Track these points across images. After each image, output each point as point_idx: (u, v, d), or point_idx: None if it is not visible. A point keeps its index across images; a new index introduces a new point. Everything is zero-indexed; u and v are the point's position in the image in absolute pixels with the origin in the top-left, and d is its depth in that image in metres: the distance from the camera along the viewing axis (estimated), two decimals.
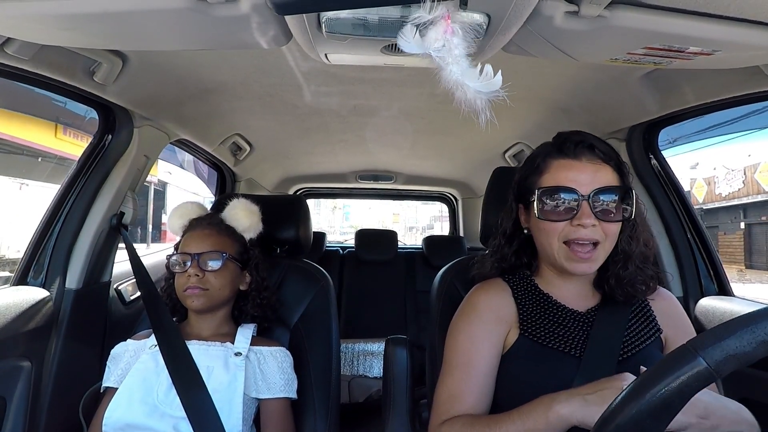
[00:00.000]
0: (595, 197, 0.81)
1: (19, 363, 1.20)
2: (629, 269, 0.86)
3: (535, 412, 0.70)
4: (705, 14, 0.76)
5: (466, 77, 0.67)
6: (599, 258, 0.84)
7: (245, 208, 1.18)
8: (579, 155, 0.84)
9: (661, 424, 0.46)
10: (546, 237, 0.86)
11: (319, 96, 1.60)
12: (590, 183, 0.81)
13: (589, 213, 0.80)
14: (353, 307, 2.88)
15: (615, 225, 0.83)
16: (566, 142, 0.86)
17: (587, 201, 0.80)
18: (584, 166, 0.83)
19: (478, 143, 2.25)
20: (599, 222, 0.81)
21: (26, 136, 7.54)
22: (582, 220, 0.80)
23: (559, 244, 0.84)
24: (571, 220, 0.82)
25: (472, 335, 0.87)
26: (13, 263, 6.02)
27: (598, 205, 0.81)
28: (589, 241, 0.82)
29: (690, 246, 1.51)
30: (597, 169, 0.83)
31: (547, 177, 0.86)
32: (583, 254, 0.82)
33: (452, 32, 0.65)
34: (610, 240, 0.83)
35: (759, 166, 14.22)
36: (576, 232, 0.81)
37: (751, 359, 0.46)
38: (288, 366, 1.08)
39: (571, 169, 0.83)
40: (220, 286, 1.06)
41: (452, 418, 0.81)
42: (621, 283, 0.87)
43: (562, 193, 0.82)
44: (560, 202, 0.82)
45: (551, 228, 0.84)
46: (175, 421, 0.94)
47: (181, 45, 0.96)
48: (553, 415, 0.68)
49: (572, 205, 0.81)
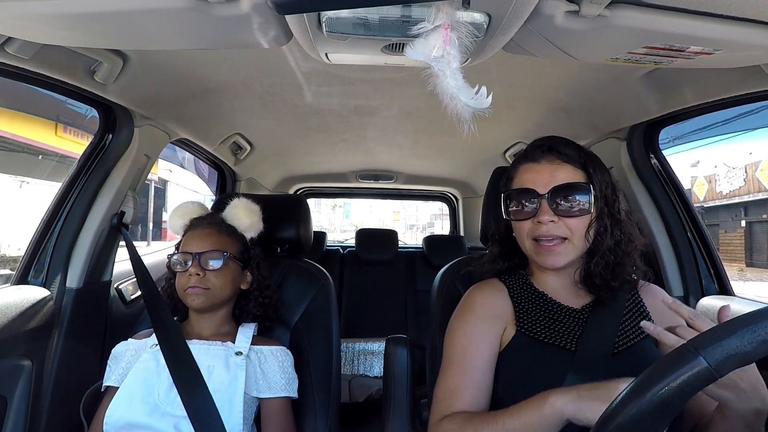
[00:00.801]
0: (553, 195, 0.87)
1: (20, 362, 1.20)
2: (598, 264, 0.89)
3: (531, 406, 0.72)
4: (706, 13, 0.76)
5: (462, 93, 0.70)
6: (567, 252, 0.88)
7: (246, 207, 1.18)
8: (539, 158, 0.91)
9: (661, 423, 0.46)
10: (518, 236, 0.93)
11: (319, 96, 1.60)
12: (548, 183, 0.88)
13: (546, 210, 0.86)
14: (354, 307, 2.88)
15: (577, 220, 0.87)
16: (534, 147, 0.94)
17: (545, 199, 0.87)
18: (543, 167, 0.90)
19: (478, 143, 2.25)
20: (560, 218, 0.87)
21: (27, 134, 7.54)
22: (540, 217, 0.87)
23: (529, 241, 0.90)
24: (533, 219, 0.88)
25: (469, 333, 0.90)
26: (14, 261, 6.03)
27: (558, 202, 0.87)
28: (552, 236, 0.87)
29: (690, 245, 1.51)
30: (555, 169, 0.89)
31: (515, 181, 0.94)
32: (547, 246, 0.87)
33: (450, 42, 0.65)
34: (576, 236, 0.88)
35: (760, 164, 14.19)
36: (538, 229, 0.88)
37: (752, 359, 0.46)
38: (288, 365, 1.09)
39: (532, 171, 0.91)
40: (221, 285, 1.06)
41: (451, 414, 0.82)
42: (590, 278, 0.90)
43: (523, 194, 0.90)
44: (522, 202, 0.90)
45: (519, 227, 0.92)
46: (175, 420, 0.94)
47: (182, 44, 0.96)
48: (547, 408, 0.70)
49: (533, 203, 0.88)
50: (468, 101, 0.70)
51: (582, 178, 0.89)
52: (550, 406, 0.69)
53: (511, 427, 0.72)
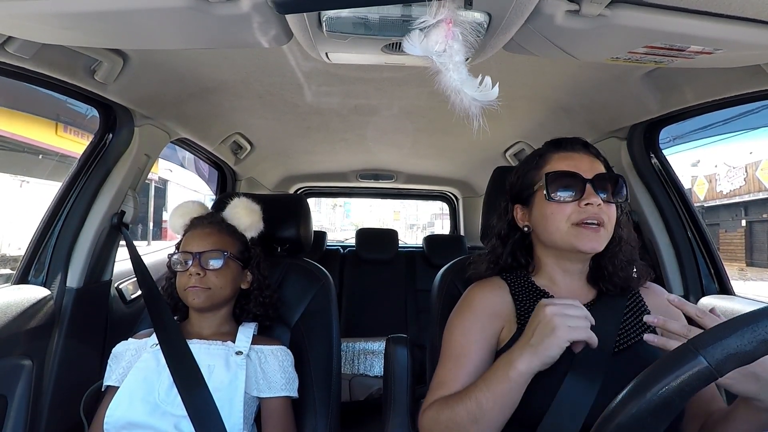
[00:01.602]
0: (596, 182, 0.88)
1: (21, 361, 1.20)
2: (625, 253, 0.92)
3: (498, 375, 0.75)
4: (706, 13, 0.76)
5: (466, 86, 0.69)
6: (603, 238, 0.88)
7: (246, 206, 1.18)
8: (576, 149, 0.93)
9: (661, 422, 0.46)
10: (554, 221, 0.90)
11: (320, 95, 1.60)
12: (590, 170, 0.89)
13: (593, 193, 0.87)
14: (354, 306, 2.88)
15: (613, 210, 0.89)
16: (565, 140, 0.95)
17: (590, 184, 0.87)
18: (582, 157, 0.92)
19: (478, 142, 2.25)
20: (603, 203, 0.87)
21: (27, 133, 7.54)
22: (590, 198, 0.87)
23: (567, 226, 0.88)
24: (579, 202, 0.87)
25: (465, 329, 0.90)
26: (14, 261, 6.03)
27: (602, 188, 0.88)
28: (597, 220, 0.87)
29: (691, 245, 1.51)
30: (593, 161, 0.92)
31: (550, 167, 0.92)
32: (594, 228, 0.87)
33: (453, 37, 0.65)
34: (610, 224, 0.89)
35: (760, 164, 14.18)
36: (585, 212, 0.87)
37: (752, 358, 0.46)
38: (289, 365, 1.09)
39: (571, 159, 0.91)
40: (221, 284, 1.06)
41: (432, 402, 0.84)
42: (616, 269, 0.91)
43: (568, 177, 0.89)
44: (568, 184, 0.89)
45: (559, 210, 0.89)
46: (176, 419, 0.94)
47: (182, 44, 0.96)
48: (514, 373, 0.73)
49: (579, 186, 0.88)
50: (474, 94, 0.69)
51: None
52: (514, 369, 0.73)
53: (483, 399, 0.74)
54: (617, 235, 0.91)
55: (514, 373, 0.73)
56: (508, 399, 0.74)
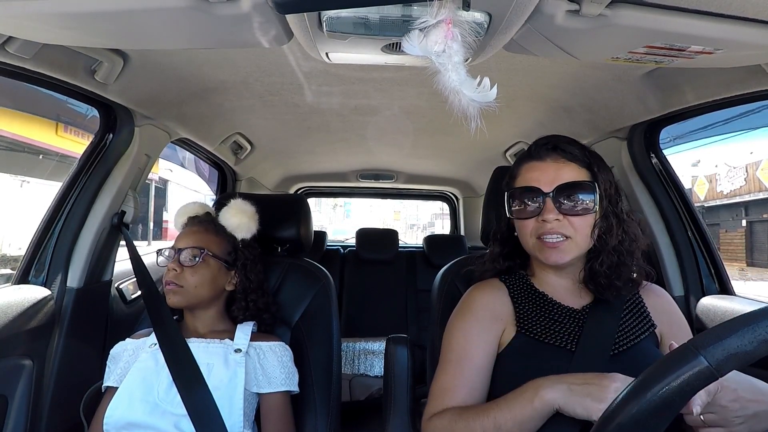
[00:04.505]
0: (558, 194, 0.86)
1: (21, 361, 1.20)
2: (603, 263, 0.88)
3: (521, 398, 0.73)
4: (706, 13, 0.76)
5: (464, 86, 0.68)
6: (570, 250, 0.87)
7: (236, 207, 1.18)
8: (544, 156, 0.91)
9: (662, 422, 0.47)
10: (522, 235, 0.92)
11: (320, 95, 1.60)
12: (552, 181, 0.87)
13: (551, 209, 0.86)
14: (354, 306, 2.88)
15: (582, 219, 0.87)
16: (538, 146, 0.93)
17: (550, 198, 0.86)
18: (547, 165, 0.89)
19: (478, 142, 2.25)
20: (564, 217, 0.86)
21: (27, 133, 7.54)
22: (545, 215, 0.86)
23: (533, 239, 0.89)
24: (538, 217, 0.87)
25: (467, 332, 0.90)
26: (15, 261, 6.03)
27: (562, 201, 0.86)
28: (556, 234, 0.86)
29: (691, 245, 1.50)
30: (559, 168, 0.88)
31: (518, 180, 0.93)
32: (552, 243, 0.86)
33: (452, 37, 0.65)
34: (580, 234, 0.87)
35: (761, 164, 14.17)
36: (543, 227, 0.87)
37: (752, 358, 0.46)
38: (288, 360, 1.09)
39: (536, 169, 0.90)
40: (195, 283, 1.05)
41: (442, 410, 0.82)
42: (595, 278, 0.89)
43: (527, 193, 0.89)
44: (526, 201, 0.89)
45: (523, 225, 0.91)
46: (176, 419, 0.94)
47: (183, 44, 0.96)
48: (538, 401, 0.71)
49: (537, 202, 0.87)
50: (472, 95, 0.68)
51: (586, 176, 0.88)
52: (540, 399, 0.70)
53: (502, 420, 0.72)
54: (604, 243, 0.88)
55: (538, 400, 0.70)
56: (527, 426, 0.71)
